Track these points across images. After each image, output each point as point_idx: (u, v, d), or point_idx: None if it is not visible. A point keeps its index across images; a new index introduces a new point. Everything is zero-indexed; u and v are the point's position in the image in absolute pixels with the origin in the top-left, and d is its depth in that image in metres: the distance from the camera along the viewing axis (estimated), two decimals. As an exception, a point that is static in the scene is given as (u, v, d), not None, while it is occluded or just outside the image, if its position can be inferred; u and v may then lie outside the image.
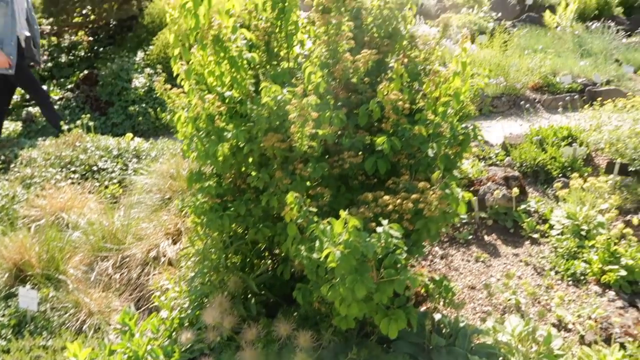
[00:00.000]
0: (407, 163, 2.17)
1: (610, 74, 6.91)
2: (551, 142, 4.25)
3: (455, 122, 2.24)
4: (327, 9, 2.19)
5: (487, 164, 4.34)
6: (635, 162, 3.85)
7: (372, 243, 1.56)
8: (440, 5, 9.97)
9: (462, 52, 2.03)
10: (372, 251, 1.55)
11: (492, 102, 6.25)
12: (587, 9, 9.74)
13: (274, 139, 1.98)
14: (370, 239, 1.58)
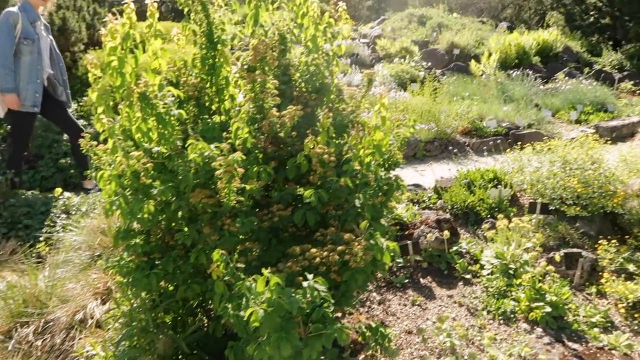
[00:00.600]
0: (335, 214, 2.22)
1: (531, 117, 7.43)
2: (479, 184, 4.47)
3: (380, 173, 2.33)
4: (252, 67, 2.26)
5: (420, 208, 4.48)
6: (555, 201, 4.12)
7: (296, 299, 1.57)
8: (375, 55, 10.46)
9: (381, 107, 2.13)
10: (297, 307, 1.56)
11: (425, 147, 6.54)
12: (508, 58, 10.53)
13: (201, 195, 1.98)
14: (295, 295, 1.59)
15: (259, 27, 2.47)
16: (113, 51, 1.95)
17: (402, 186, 2.29)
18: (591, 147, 4.24)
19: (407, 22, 13.75)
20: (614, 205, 3.90)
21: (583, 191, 3.95)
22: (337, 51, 2.87)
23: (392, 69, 8.93)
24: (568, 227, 4.05)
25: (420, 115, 6.96)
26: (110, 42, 1.96)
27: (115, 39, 1.96)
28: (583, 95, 8.53)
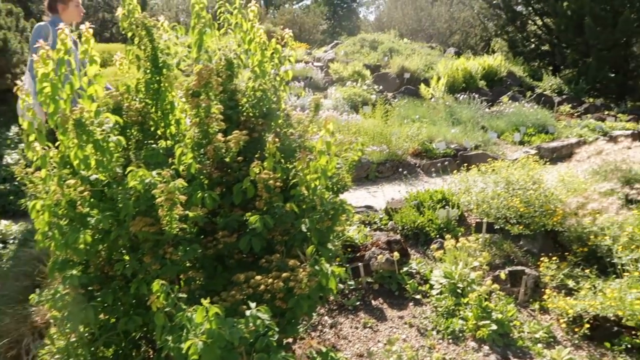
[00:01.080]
0: (281, 239, 2.21)
1: (478, 139, 7.71)
2: (428, 205, 4.57)
3: (327, 197, 2.35)
4: (196, 92, 2.24)
5: (372, 229, 4.54)
6: (499, 220, 4.26)
7: (238, 329, 1.54)
8: (328, 79, 10.62)
9: (326, 132, 2.16)
10: (239, 337, 1.53)
11: (377, 168, 6.64)
12: (456, 82, 10.93)
13: (142, 223, 1.93)
14: (237, 325, 1.56)
15: (203, 53, 2.46)
16: (45, 77, 1.89)
17: (348, 210, 2.31)
18: (532, 168, 4.43)
19: (359, 46, 14.08)
20: (554, 224, 4.07)
21: (525, 210, 4.11)
22: (285, 76, 2.90)
23: (345, 92, 9.08)
24: (512, 246, 4.20)
25: (372, 137, 7.09)
26: (42, 68, 1.90)
27: (47, 65, 1.91)
28: (526, 118, 8.93)
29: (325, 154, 2.15)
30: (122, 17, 2.71)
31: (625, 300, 3.03)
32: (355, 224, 4.39)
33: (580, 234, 3.97)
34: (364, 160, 6.56)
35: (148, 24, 2.59)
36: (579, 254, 3.92)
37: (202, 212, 2.01)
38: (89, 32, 2.04)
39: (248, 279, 1.93)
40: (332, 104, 8.63)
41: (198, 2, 2.37)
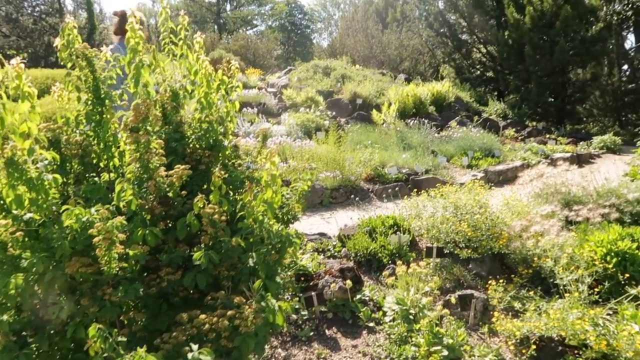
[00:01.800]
0: (228, 274, 2.17)
1: (428, 164, 7.92)
2: (380, 231, 4.62)
3: (275, 229, 2.33)
4: (134, 128, 2.19)
5: (326, 257, 4.53)
6: (449, 245, 4.35)
7: (178, 374, 1.49)
8: (282, 105, 10.69)
9: (271, 165, 2.15)
10: (179, 383, 1.47)
11: (331, 194, 6.68)
12: (407, 107, 11.26)
13: (78, 264, 1.84)
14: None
15: (141, 87, 2.42)
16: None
17: (295, 243, 2.29)
18: (477, 193, 4.57)
19: (312, 72, 14.29)
20: (500, 247, 4.19)
21: (473, 234, 4.22)
22: (232, 107, 2.89)
23: (298, 118, 9.15)
24: (462, 269, 4.29)
25: (325, 163, 7.15)
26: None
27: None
28: (473, 142, 9.27)
29: (271, 187, 2.13)
30: (60, 47, 2.64)
31: (567, 320, 3.13)
32: (309, 252, 4.37)
33: (525, 256, 4.11)
34: (318, 186, 6.60)
35: (89, 55, 2.53)
36: (525, 276, 4.04)
37: (143, 250, 1.94)
38: (20, 68, 1.96)
39: (192, 319, 1.87)
40: (286, 130, 8.67)
41: (133, 37, 2.34)
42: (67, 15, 9.89)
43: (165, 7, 2.77)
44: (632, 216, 4.79)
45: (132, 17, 2.30)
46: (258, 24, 52.13)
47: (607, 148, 11.51)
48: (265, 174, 2.17)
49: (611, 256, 3.91)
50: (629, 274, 3.77)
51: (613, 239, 4.05)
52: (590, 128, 18.70)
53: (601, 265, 3.76)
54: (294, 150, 7.41)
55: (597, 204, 4.79)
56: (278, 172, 2.16)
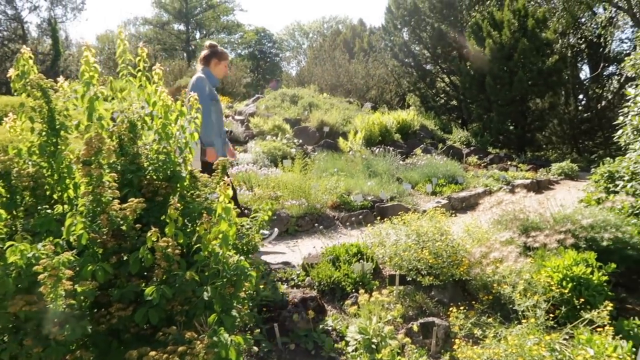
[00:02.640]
0: (182, 309, 2.13)
1: (393, 191, 8.02)
2: (344, 259, 4.63)
3: (232, 261, 2.31)
4: (87, 161, 2.17)
5: (289, 286, 4.49)
6: (411, 272, 4.39)
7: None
8: (249, 133, 10.71)
9: (224, 198, 2.15)
10: None
11: (297, 222, 6.67)
12: (373, 135, 11.44)
13: (22, 303, 1.78)
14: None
15: (95, 121, 2.40)
16: None
17: (251, 275, 2.28)
18: (439, 220, 4.65)
19: (280, 100, 14.42)
20: (461, 273, 4.25)
21: (434, 262, 4.27)
22: (190, 139, 2.89)
23: (265, 146, 9.18)
24: (424, 297, 4.32)
25: (291, 191, 7.16)
26: None
27: None
28: (437, 169, 9.47)
29: (225, 219, 2.13)
30: (14, 77, 2.61)
31: (524, 346, 3.18)
32: (272, 282, 4.33)
33: (485, 283, 4.18)
34: (284, 214, 6.58)
35: (44, 85, 2.51)
36: (485, 302, 4.10)
37: (92, 286, 1.90)
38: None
39: (142, 356, 1.82)
40: (252, 158, 8.68)
41: (88, 70, 2.33)
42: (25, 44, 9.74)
43: (123, 40, 2.78)
44: (586, 241, 4.94)
45: (86, 51, 2.30)
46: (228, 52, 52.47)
47: (565, 174, 11.94)
48: (219, 207, 2.16)
49: (567, 281, 4.01)
50: (584, 299, 3.88)
51: (568, 265, 4.17)
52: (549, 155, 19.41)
53: (558, 290, 3.85)
54: (259, 178, 7.40)
55: (553, 230, 4.93)
56: (232, 205, 2.15)
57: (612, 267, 4.34)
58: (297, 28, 62.86)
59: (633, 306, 4.43)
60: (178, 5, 44.56)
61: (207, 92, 4.84)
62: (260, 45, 55.04)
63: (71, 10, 30.74)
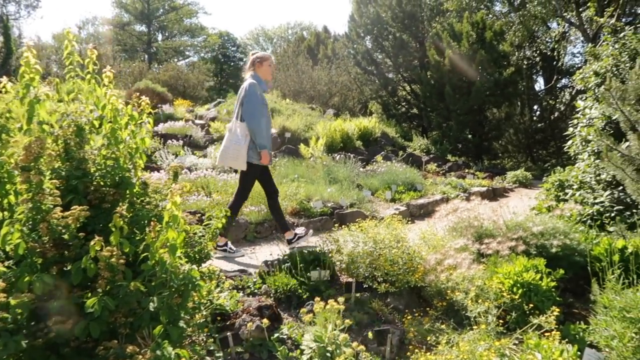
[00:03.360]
0: (126, 321, 2.06)
1: (353, 197, 8.06)
2: (301, 266, 4.60)
3: (180, 271, 2.25)
4: (26, 167, 2.07)
5: (245, 294, 4.43)
6: (368, 279, 4.41)
7: None
8: (209, 137, 10.56)
9: (173, 206, 2.10)
10: None
11: (255, 229, 6.61)
12: (334, 142, 11.49)
13: (-51, 317, 1.67)
14: None
15: (35, 125, 2.30)
16: None
17: (200, 285, 2.23)
18: (395, 227, 4.70)
19: (242, 105, 14.28)
20: (416, 280, 4.30)
21: (390, 269, 4.31)
22: (141, 144, 2.81)
23: (225, 152, 9.06)
24: (380, 304, 4.34)
25: (251, 197, 7.08)
26: None
27: None
28: (397, 176, 9.59)
29: (172, 228, 2.07)
30: (-50, 79, 2.48)
31: (475, 352, 3.24)
32: (227, 290, 4.26)
33: (440, 289, 4.24)
34: (242, 220, 6.51)
35: (-17, 87, 2.39)
36: (440, 308, 4.16)
37: (28, 299, 1.80)
38: None
39: (79, 372, 1.75)
40: (212, 163, 8.55)
41: (28, 72, 2.24)
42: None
43: (71, 41, 2.68)
44: (537, 248, 5.10)
45: (27, 51, 2.20)
46: (190, 55, 51.81)
47: (520, 182, 12.33)
48: (167, 215, 2.10)
49: (517, 287, 4.12)
50: (533, 304, 3.99)
51: (519, 271, 4.29)
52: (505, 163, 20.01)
53: (508, 296, 3.95)
54: (218, 184, 7.30)
55: (506, 237, 5.07)
56: (180, 212, 2.10)
57: (560, 273, 4.49)
58: (262, 33, 62.72)
59: (579, 310, 4.59)
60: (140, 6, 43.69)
61: (259, 97, 5.10)
62: (224, 49, 54.57)
63: (25, 8, 29.63)
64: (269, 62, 5.39)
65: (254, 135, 5.08)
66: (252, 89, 5.06)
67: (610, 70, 6.91)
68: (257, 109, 5.08)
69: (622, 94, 4.44)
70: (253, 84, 5.12)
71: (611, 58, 6.97)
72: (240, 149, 5.08)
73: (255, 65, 5.32)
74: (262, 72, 5.31)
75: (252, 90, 5.06)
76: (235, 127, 5.14)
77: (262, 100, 5.15)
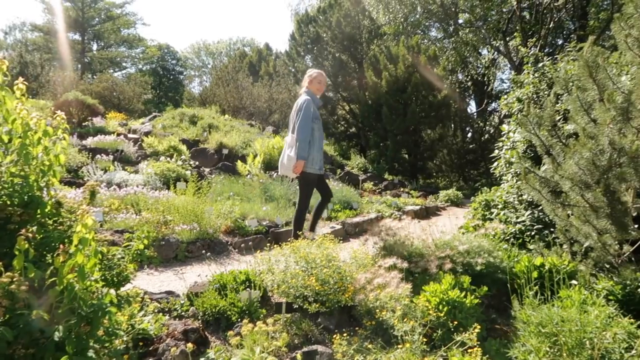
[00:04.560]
0: (26, 353, 1.91)
1: (289, 216, 8.04)
2: (231, 287, 4.50)
3: (93, 296, 2.13)
4: None
5: (172, 317, 4.27)
6: (298, 299, 4.38)
7: None
8: (142, 152, 10.21)
9: (82, 228, 1.99)
10: None
11: (187, 248, 6.42)
12: (272, 159, 11.44)
13: None
14: None
15: None
16: None
17: (110, 312, 2.11)
18: (327, 247, 4.71)
19: (179, 120, 13.99)
20: (346, 300, 4.32)
21: (321, 288, 4.30)
22: (55, 161, 2.66)
23: (158, 167, 8.79)
24: (311, 324, 4.32)
25: (183, 215, 6.89)
26: None
27: None
28: (334, 195, 9.67)
29: (82, 251, 1.96)
30: None
31: (401, 371, 3.28)
32: (152, 313, 4.08)
33: (369, 308, 4.28)
34: (173, 239, 6.30)
35: None
36: (369, 327, 4.19)
37: None
38: None
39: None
40: (143, 179, 8.25)
41: None
42: None
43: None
44: (463, 266, 5.28)
45: None
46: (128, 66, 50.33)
47: (451, 201, 12.81)
48: (76, 237, 1.99)
49: (443, 305, 4.24)
50: (458, 321, 4.11)
51: (445, 289, 4.42)
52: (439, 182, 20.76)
53: (434, 314, 4.05)
54: (149, 201, 7.04)
55: (434, 255, 5.22)
56: (92, 235, 2.00)
57: (484, 290, 4.67)
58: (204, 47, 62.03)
59: (502, 326, 4.78)
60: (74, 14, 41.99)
61: (312, 113, 5.55)
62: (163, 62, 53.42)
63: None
64: (319, 78, 5.85)
65: (297, 145, 5.54)
66: (307, 105, 5.54)
67: (531, 97, 7.39)
68: (307, 123, 5.54)
69: (539, 120, 4.73)
70: (308, 100, 5.60)
71: (532, 86, 7.45)
72: (295, 159, 5.60)
73: (309, 82, 5.81)
74: (315, 88, 5.78)
75: (307, 106, 5.53)
76: (293, 140, 5.60)
77: (315, 114, 5.63)
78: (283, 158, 5.70)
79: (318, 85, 5.83)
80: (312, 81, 5.81)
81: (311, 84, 5.80)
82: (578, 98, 4.04)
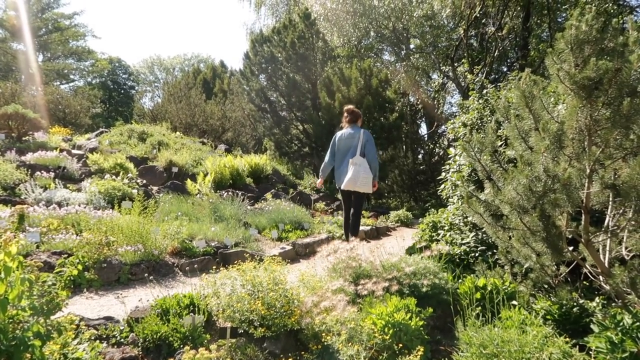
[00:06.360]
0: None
1: (239, 236, 7.93)
2: (174, 312, 4.36)
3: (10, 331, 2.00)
4: None
5: (110, 344, 4.08)
6: (243, 324, 4.29)
7: None
8: (86, 170, 9.83)
9: (5, 257, 1.88)
10: None
11: (130, 270, 6.18)
12: (224, 178, 11.31)
13: None
14: None
15: None
16: None
17: (33, 345, 1.99)
18: (274, 270, 4.67)
19: (127, 137, 13.60)
20: (292, 323, 4.27)
21: (267, 312, 4.24)
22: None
23: (103, 186, 8.47)
24: (256, 349, 4.23)
25: (127, 236, 6.66)
26: None
27: None
28: (285, 215, 9.63)
29: (3, 281, 1.85)
30: None
31: (344, 397, 3.26)
32: (88, 340, 3.88)
33: (316, 332, 4.25)
34: (115, 261, 6.06)
35: None
36: (315, 352, 4.15)
37: None
38: None
39: None
40: (86, 198, 7.93)
41: None
42: None
43: None
44: (409, 288, 5.36)
45: None
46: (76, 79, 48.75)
47: (402, 222, 13.03)
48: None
49: (388, 327, 4.26)
50: (403, 344, 4.14)
51: (391, 311, 4.45)
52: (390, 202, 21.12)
53: (380, 337, 4.07)
54: (91, 221, 6.76)
55: (381, 277, 5.26)
56: (16, 264, 1.89)
57: (429, 312, 4.74)
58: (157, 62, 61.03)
59: (446, 347, 4.86)
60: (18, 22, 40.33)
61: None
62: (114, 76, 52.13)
63: None
64: (344, 115, 7.56)
65: (375, 171, 7.11)
66: (370, 136, 7.16)
67: (475, 122, 7.68)
68: (373, 148, 7.17)
69: (481, 145, 4.91)
70: (368, 132, 7.25)
71: (476, 111, 7.75)
72: (370, 178, 6.98)
73: (359, 121, 7.45)
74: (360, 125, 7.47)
75: (370, 137, 7.17)
76: (365, 162, 7.00)
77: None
78: (363, 177, 6.93)
79: (344, 119, 7.58)
80: (359, 120, 7.50)
81: (361, 122, 7.53)
82: (516, 126, 4.23)
